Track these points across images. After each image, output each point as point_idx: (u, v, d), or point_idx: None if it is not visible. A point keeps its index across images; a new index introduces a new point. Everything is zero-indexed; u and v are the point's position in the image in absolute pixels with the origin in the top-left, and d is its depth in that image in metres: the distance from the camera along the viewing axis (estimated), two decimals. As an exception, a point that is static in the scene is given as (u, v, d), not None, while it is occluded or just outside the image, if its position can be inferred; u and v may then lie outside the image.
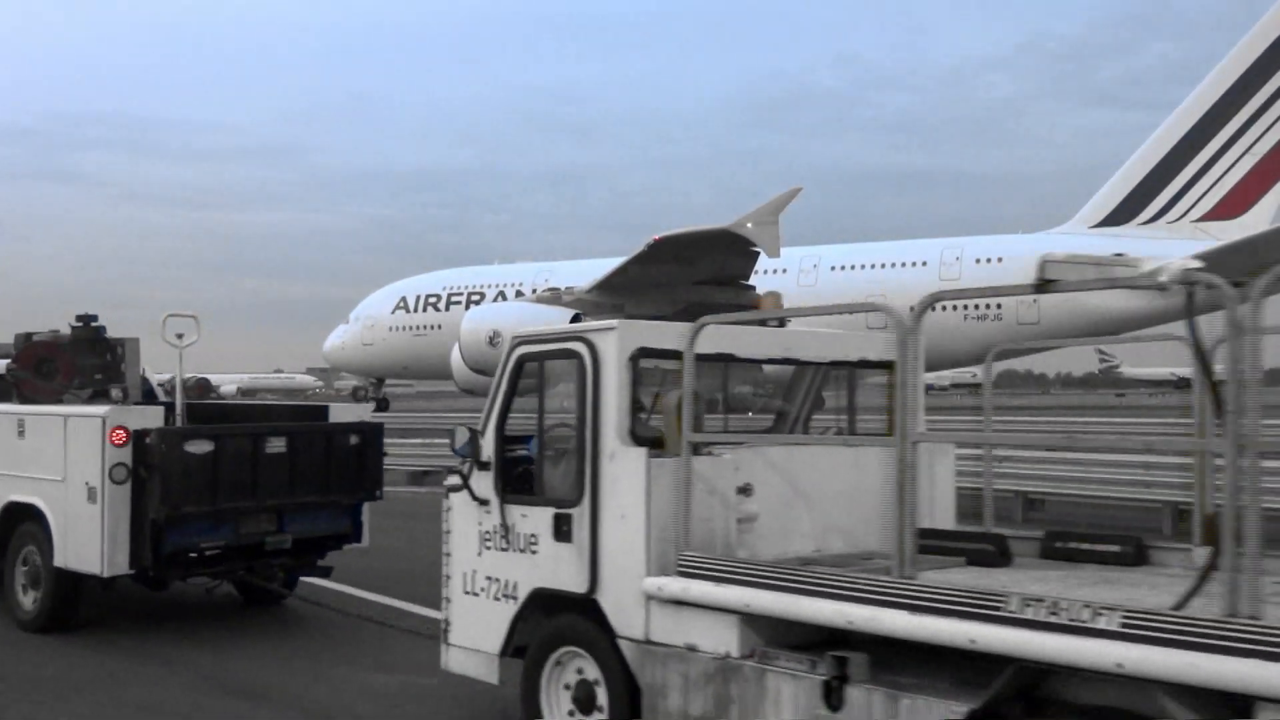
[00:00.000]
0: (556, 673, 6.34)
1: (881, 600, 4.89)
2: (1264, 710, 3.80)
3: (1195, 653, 3.92)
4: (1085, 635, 4.25)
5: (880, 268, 53.01)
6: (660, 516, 5.87)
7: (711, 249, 44.69)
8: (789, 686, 5.17)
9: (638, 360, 6.28)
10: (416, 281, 63.83)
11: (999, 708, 4.52)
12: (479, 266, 64.38)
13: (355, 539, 10.99)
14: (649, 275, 46.33)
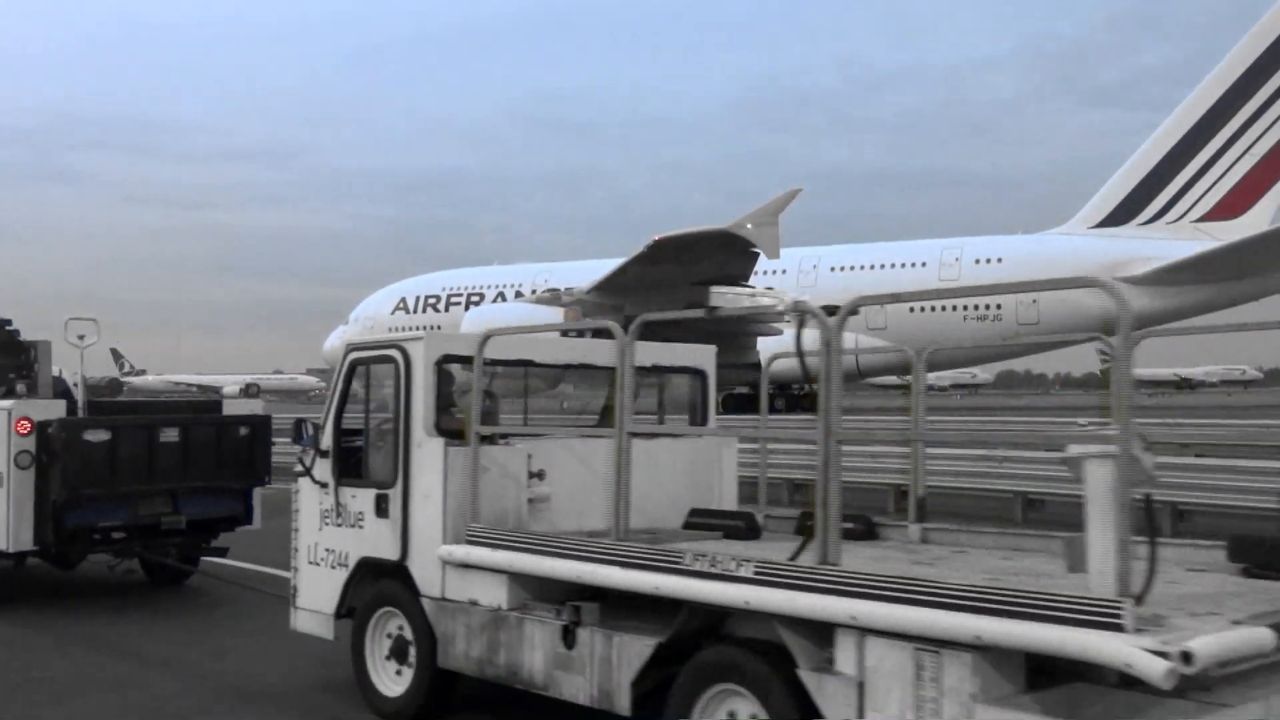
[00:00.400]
0: (378, 629, 7.41)
1: (602, 560, 6.01)
2: (840, 635, 4.93)
3: (795, 592, 5.09)
4: (728, 581, 5.39)
5: (880, 268, 53.05)
6: (455, 495, 6.95)
7: (711, 250, 44.75)
8: (539, 631, 6.33)
9: (443, 365, 7.32)
10: (416, 282, 63.81)
11: (684, 641, 5.65)
12: (479, 267, 64.34)
13: (247, 521, 11.97)
14: (649, 276, 46.38)
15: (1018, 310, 49.25)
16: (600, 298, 48.22)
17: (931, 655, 4.57)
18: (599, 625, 6.10)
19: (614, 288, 47.52)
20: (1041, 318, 49.07)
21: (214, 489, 11.62)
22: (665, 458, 7.70)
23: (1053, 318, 49.25)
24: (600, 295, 48.10)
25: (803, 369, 6.64)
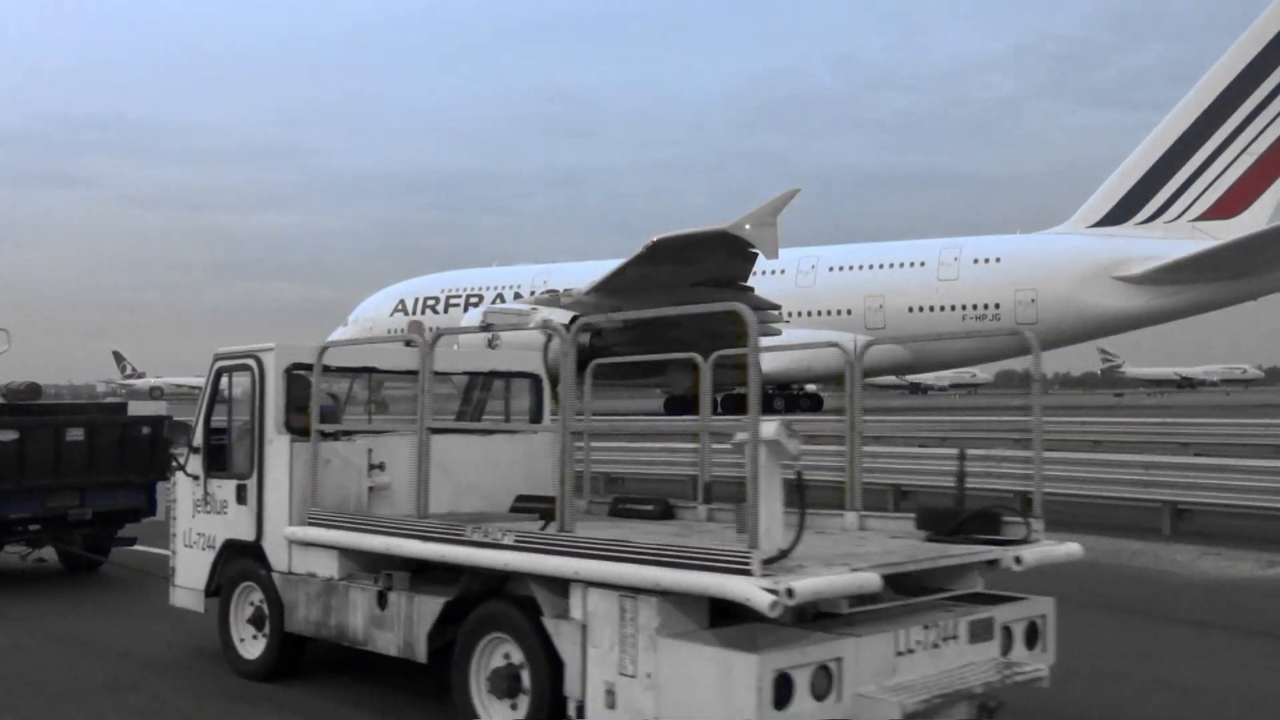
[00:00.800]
0: (240, 601, 8.45)
1: (404, 535, 7.09)
2: (572, 588, 6.00)
3: (539, 555, 6.16)
4: (493, 549, 6.44)
5: (879, 268, 53.09)
6: (299, 484, 8.00)
7: (710, 250, 44.79)
8: (360, 596, 7.42)
9: (291, 371, 8.29)
10: (415, 284, 63.84)
11: (470, 600, 6.71)
12: (477, 269, 64.42)
13: (150, 513, 12.95)
14: (647, 277, 46.41)
15: (1016, 310, 49.29)
16: (599, 299, 48.24)
17: (630, 600, 5.71)
18: (407, 589, 7.16)
19: (613, 289, 47.55)
20: (1040, 317, 49.10)
21: (118, 483, 12.61)
22: (505, 452, 8.77)
23: (1052, 317, 49.29)
24: (599, 296, 48.13)
25: (548, 378, 8.37)
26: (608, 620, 5.80)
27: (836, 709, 5.46)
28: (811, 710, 5.37)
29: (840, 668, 5.50)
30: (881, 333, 51.29)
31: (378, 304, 62.89)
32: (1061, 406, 56.45)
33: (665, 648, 5.53)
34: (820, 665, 5.43)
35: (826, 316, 52.02)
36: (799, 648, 5.43)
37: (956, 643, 6.10)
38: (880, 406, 67.30)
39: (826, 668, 5.46)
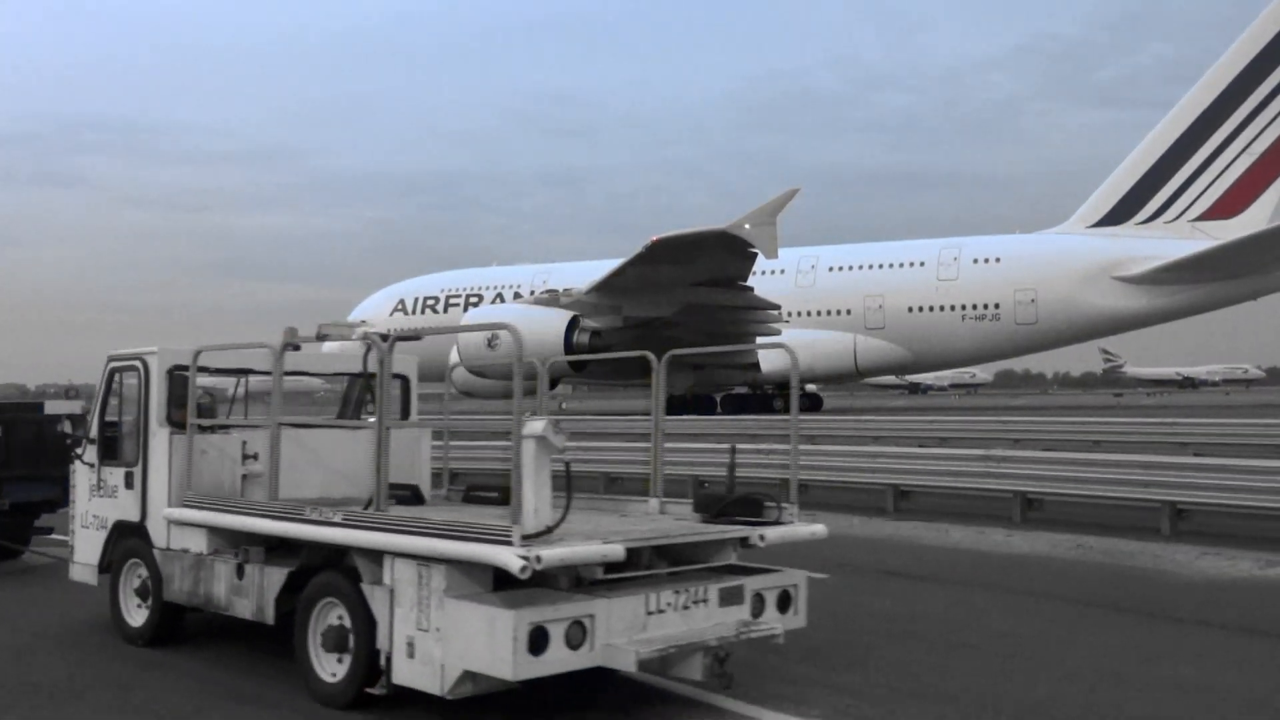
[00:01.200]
0: (128, 575, 9.65)
1: (255, 515, 8.26)
2: (385, 558, 7.14)
3: (358, 531, 7.30)
4: (324, 525, 7.55)
5: (878, 268, 53.09)
6: (178, 471, 9.15)
7: (709, 250, 44.79)
8: (223, 568, 8.56)
9: (173, 372, 9.37)
10: (415, 284, 63.82)
11: (312, 570, 7.78)
12: (478, 269, 64.37)
13: (64, 504, 13.21)
14: (647, 276, 46.44)
15: (1015, 309, 49.31)
16: (599, 298, 48.26)
17: (425, 568, 6.84)
18: (261, 562, 8.27)
19: (613, 288, 47.57)
20: (1040, 317, 49.12)
21: (35, 476, 13.37)
22: (372, 444, 9.37)
23: (1051, 317, 49.30)
24: (599, 296, 48.15)
25: (368, 387, 9.44)
26: (410, 585, 6.95)
27: (588, 657, 6.58)
28: (565, 657, 6.47)
29: (593, 623, 6.59)
30: (882, 332, 51.33)
31: (377, 304, 62.86)
32: (1061, 406, 56.49)
33: (450, 606, 6.70)
34: (574, 620, 6.52)
35: (826, 316, 52.01)
36: (553, 605, 6.53)
37: (707, 605, 7.18)
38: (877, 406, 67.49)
39: (580, 622, 6.55)
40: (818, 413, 52.07)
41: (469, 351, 48.99)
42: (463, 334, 48.96)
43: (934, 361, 54.98)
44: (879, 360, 52.24)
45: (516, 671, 6.34)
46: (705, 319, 48.31)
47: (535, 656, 6.35)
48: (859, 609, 10.58)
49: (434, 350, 58.04)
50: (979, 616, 10.26)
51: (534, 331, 48.11)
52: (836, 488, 19.82)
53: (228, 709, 7.56)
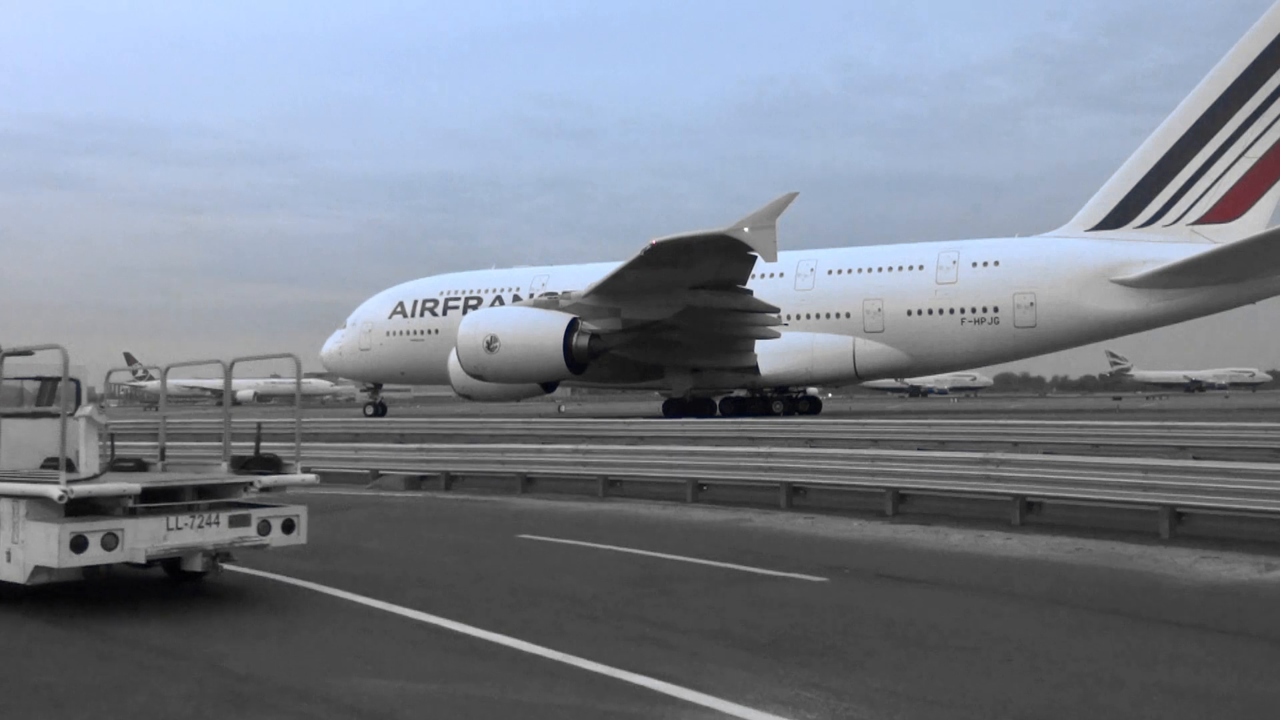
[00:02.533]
0: None
1: None
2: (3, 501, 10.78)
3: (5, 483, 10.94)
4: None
5: (877, 271, 53.12)
6: None
7: (709, 253, 44.86)
8: None
9: None
10: (414, 286, 63.89)
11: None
12: (476, 271, 64.40)
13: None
14: (646, 279, 46.50)
15: (1014, 313, 49.32)
16: (598, 301, 48.30)
17: (15, 502, 10.54)
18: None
19: (612, 291, 47.62)
20: (1039, 320, 49.12)
21: None
22: (51, 432, 11.94)
23: (1051, 321, 49.30)
24: (598, 299, 48.21)
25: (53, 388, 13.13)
26: (7, 514, 10.59)
27: (116, 555, 10.33)
28: (99, 555, 10.22)
29: (123, 534, 10.32)
30: (881, 335, 51.35)
31: (376, 306, 62.85)
32: (1060, 410, 56.51)
33: (29, 525, 10.36)
34: (108, 531, 10.23)
35: (825, 319, 52.04)
36: (92, 521, 10.26)
37: (218, 526, 10.97)
38: (876, 409, 67.57)
39: (114, 533, 10.26)
40: (817, 415, 52.12)
41: (467, 355, 49.14)
42: (462, 338, 49.04)
43: (933, 365, 55.01)
44: (878, 363, 52.28)
45: (62, 561, 10.03)
46: (704, 322, 48.35)
47: (77, 554, 10.07)
48: (857, 612, 10.58)
49: (433, 354, 58.26)
50: (977, 620, 10.26)
51: (533, 334, 48.23)
52: (835, 491, 19.84)
53: (228, 713, 7.53)
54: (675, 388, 52.58)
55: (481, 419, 44.31)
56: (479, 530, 17.49)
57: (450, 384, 56.49)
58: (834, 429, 33.09)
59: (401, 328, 61.14)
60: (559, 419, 48.78)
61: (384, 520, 18.96)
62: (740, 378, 52.85)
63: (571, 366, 47.65)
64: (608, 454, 23.41)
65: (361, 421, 47.51)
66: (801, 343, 51.37)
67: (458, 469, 25.12)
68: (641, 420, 41.47)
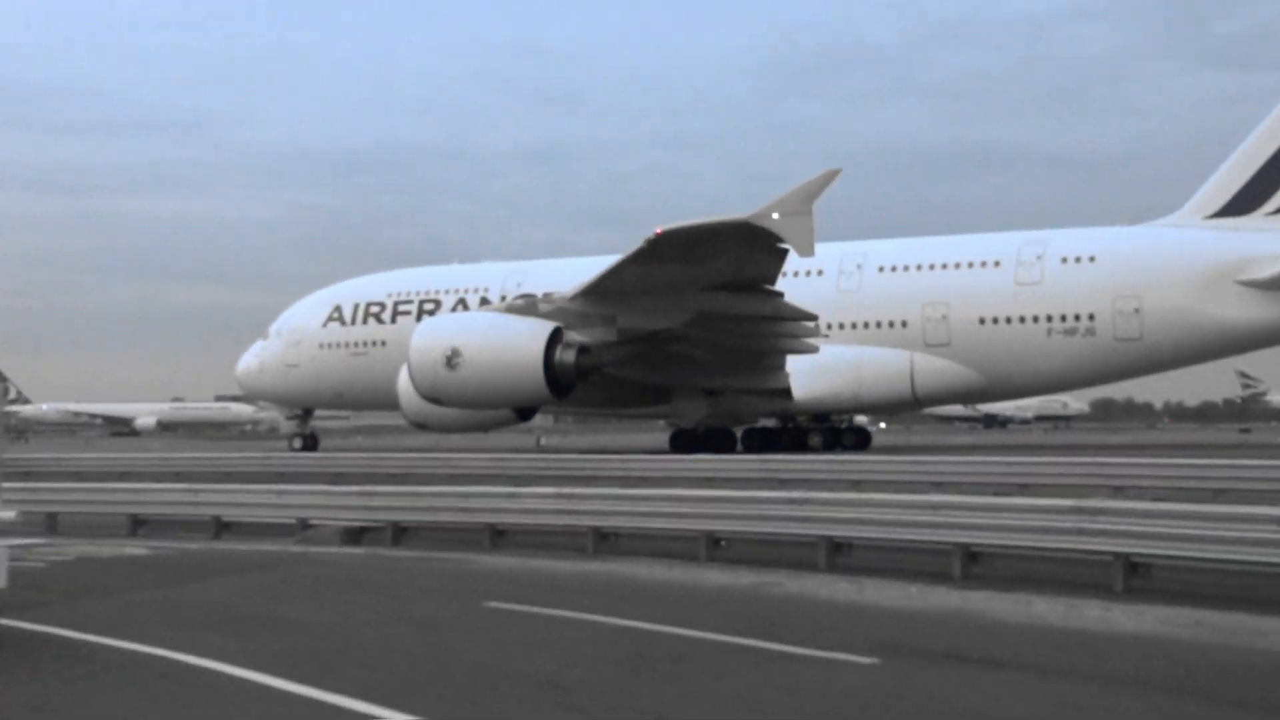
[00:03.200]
0: None
1: None
2: None
3: None
4: None
5: (942, 268, 53.09)
6: None
7: (729, 246, 44.80)
8: None
9: None
10: (356, 286, 63.92)
11: None
12: (435, 267, 64.34)
13: None
14: (650, 278, 46.44)
15: (1115, 321, 49.27)
16: (588, 305, 48.20)
17: None
18: None
19: (606, 293, 47.56)
20: (1145, 331, 49.05)
21: None
22: None
23: (1160, 331, 49.19)
24: (588, 303, 48.10)
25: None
26: None
27: None
28: None
29: None
30: (947, 349, 51.33)
31: (308, 311, 62.95)
32: (1174, 445, 56.32)
33: None
34: None
35: (875, 329, 52.09)
36: None
37: None
38: (940, 444, 67.40)
39: None
40: (865, 451, 51.95)
41: (422, 374, 48.97)
42: (416, 351, 48.99)
43: (1013, 387, 55.00)
44: (943, 385, 52.25)
45: None
46: (723, 332, 48.37)
47: None
48: (916, 705, 10.48)
49: (379, 372, 58.23)
50: (1070, 715, 10.16)
51: (506, 347, 48.22)
52: (888, 547, 19.74)
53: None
54: (685, 416, 52.56)
55: (439, 455, 44.23)
56: (436, 596, 17.41)
57: (400, 410, 56.47)
58: (886, 468, 33.06)
59: (339, 338, 61.20)
60: (538, 455, 48.79)
61: (314, 583, 18.92)
62: (768, 403, 52.83)
63: (554, 388, 47.63)
64: (600, 499, 23.33)
65: (287, 457, 47.55)
66: (846, 359, 51.37)
67: (409, 518, 25.05)
68: (643, 457, 41.45)
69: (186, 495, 28.13)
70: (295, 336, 62.23)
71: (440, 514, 24.87)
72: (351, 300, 62.11)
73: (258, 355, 63.62)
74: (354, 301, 61.98)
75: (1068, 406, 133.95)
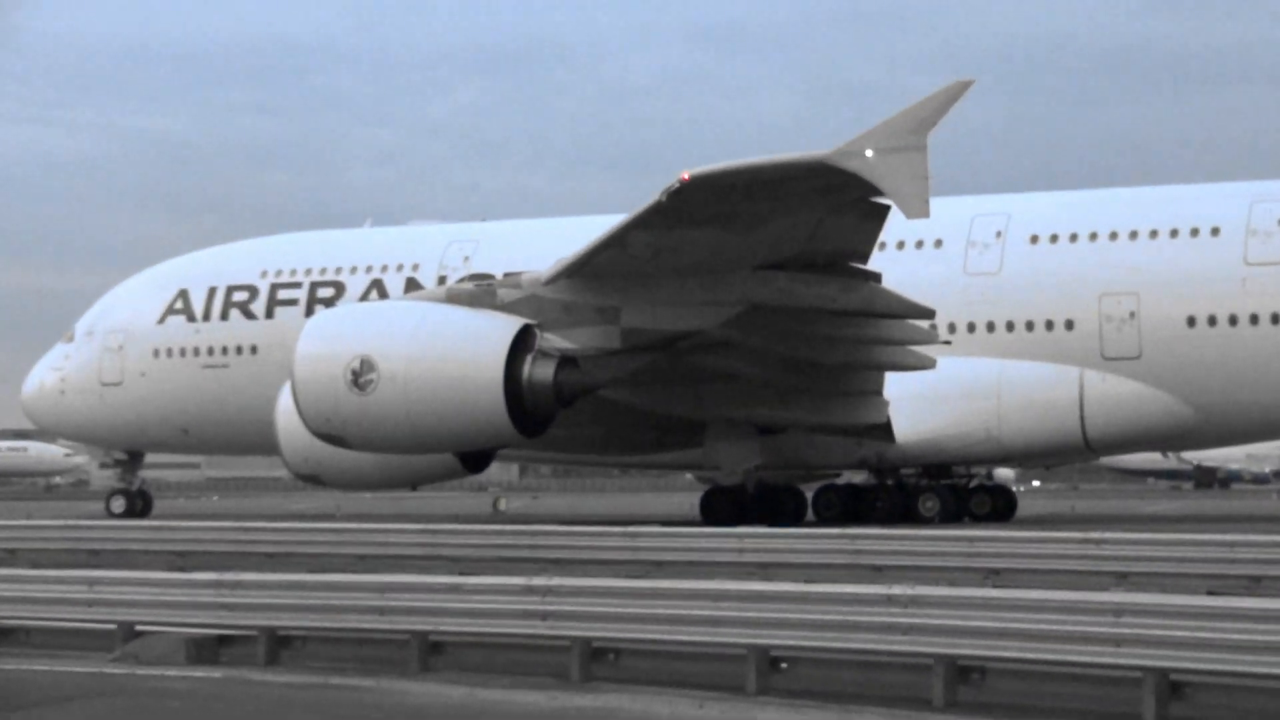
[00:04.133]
0: None
1: None
2: None
3: None
4: None
5: (1129, 239, 52.85)
6: None
7: (795, 200, 44.62)
8: None
9: None
10: (212, 261, 64.26)
11: None
12: (336, 231, 64.68)
13: None
14: (671, 251, 46.25)
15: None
16: (575, 293, 47.84)
17: None
18: None
19: (603, 274, 47.28)
20: None
21: None
22: None
23: None
24: (575, 289, 47.72)
25: None
26: None
27: None
28: None
29: None
30: (1135, 364, 51.23)
31: (134, 302, 63.02)
32: None
33: None
34: None
35: (1025, 333, 52.13)
36: None
37: None
38: (1125, 513, 67.06)
39: None
40: (1007, 523, 51.78)
41: (315, 399, 48.64)
42: (305, 363, 48.79)
43: (1238, 425, 54.94)
44: (1129, 421, 52.22)
45: None
46: (784, 336, 48.35)
47: None
48: None
49: (245, 394, 58.34)
50: None
51: (445, 356, 48.02)
52: (1038, 674, 19.80)
53: None
54: (726, 464, 52.48)
55: (341, 526, 44.22)
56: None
57: (279, 454, 56.51)
58: (1039, 550, 33.04)
59: (184, 342, 61.35)
60: (495, 526, 48.71)
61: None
62: (853, 447, 52.84)
63: (521, 421, 47.50)
64: (592, 596, 23.37)
65: (103, 527, 47.52)
66: (977, 379, 51.38)
67: (292, 623, 25.06)
68: (659, 531, 41.37)
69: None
70: (116, 339, 62.31)
71: (343, 616, 24.88)
72: (204, 283, 62.21)
73: (56, 369, 63.65)
74: (208, 285, 62.08)
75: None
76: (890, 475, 55.02)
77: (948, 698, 19.82)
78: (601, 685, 22.02)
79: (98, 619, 26.81)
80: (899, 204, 43.08)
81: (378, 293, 58.30)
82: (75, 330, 63.93)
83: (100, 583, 28.03)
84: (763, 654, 21.35)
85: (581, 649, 22.60)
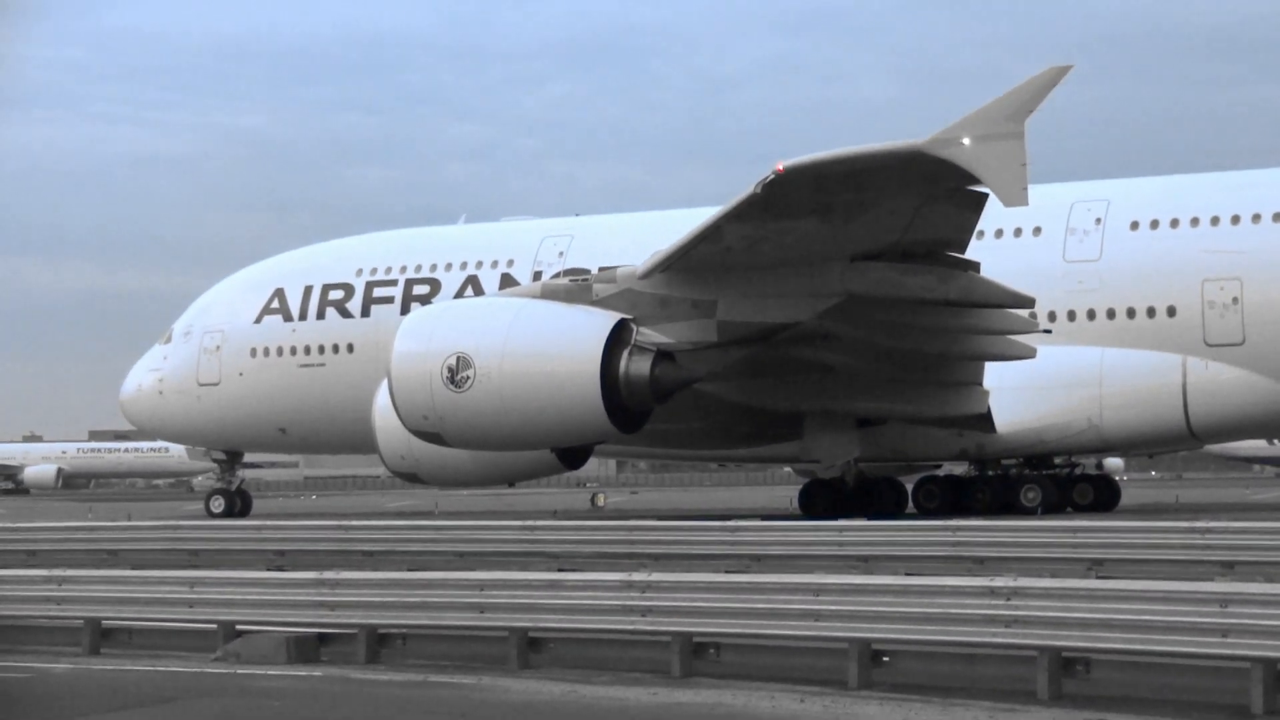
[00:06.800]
0: None
1: None
2: None
3: None
4: None
5: (1232, 224, 52.30)
6: None
7: (892, 190, 44.39)
8: None
9: None
10: (308, 260, 64.86)
11: None
12: (431, 228, 64.76)
13: None
14: (768, 244, 46.14)
15: None
16: (671, 287, 47.81)
17: None
18: None
19: (699, 268, 47.23)
20: None
21: None
22: None
23: None
24: (671, 283, 47.70)
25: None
26: None
27: None
28: None
29: None
30: (1238, 351, 50.67)
31: (231, 302, 63.41)
32: None
33: None
34: None
35: (1126, 321, 51.71)
36: None
37: None
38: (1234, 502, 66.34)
39: None
40: (1110, 513, 51.38)
41: (411, 398, 48.75)
42: (402, 362, 48.93)
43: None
44: (1233, 407, 51.71)
45: None
46: (882, 327, 48.13)
47: None
48: None
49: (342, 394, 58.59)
50: None
51: (542, 354, 48.03)
52: (1147, 664, 19.63)
53: None
54: (825, 457, 52.31)
55: (439, 523, 44.30)
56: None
57: (378, 452, 56.74)
58: (1143, 540, 32.79)
59: (280, 341, 61.68)
60: (594, 521, 48.74)
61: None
62: (953, 438, 52.57)
63: (618, 416, 47.45)
64: (693, 591, 23.36)
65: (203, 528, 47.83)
66: (1079, 368, 51.00)
67: (392, 621, 25.17)
68: (758, 525, 41.30)
69: (47, 587, 28.46)
70: (213, 340, 62.72)
71: (442, 614, 24.97)
72: (300, 282, 62.52)
73: (155, 371, 64.08)
74: (304, 284, 62.38)
75: None
76: (991, 466, 54.78)
77: (1052, 690, 19.78)
78: (702, 681, 22.01)
79: (199, 619, 27.05)
80: (997, 192, 42.76)
81: (473, 289, 58.36)
82: (173, 331, 64.40)
83: (201, 583, 28.25)
84: (864, 647, 21.29)
85: (682, 644, 22.61)
